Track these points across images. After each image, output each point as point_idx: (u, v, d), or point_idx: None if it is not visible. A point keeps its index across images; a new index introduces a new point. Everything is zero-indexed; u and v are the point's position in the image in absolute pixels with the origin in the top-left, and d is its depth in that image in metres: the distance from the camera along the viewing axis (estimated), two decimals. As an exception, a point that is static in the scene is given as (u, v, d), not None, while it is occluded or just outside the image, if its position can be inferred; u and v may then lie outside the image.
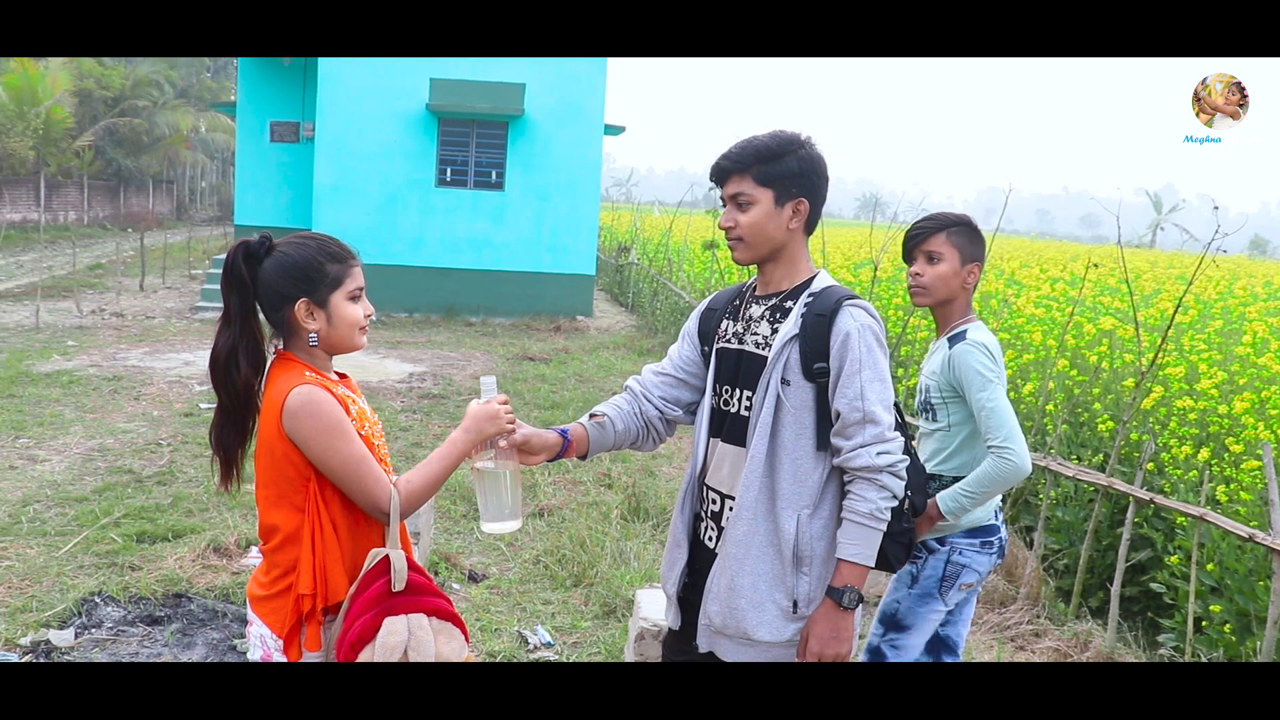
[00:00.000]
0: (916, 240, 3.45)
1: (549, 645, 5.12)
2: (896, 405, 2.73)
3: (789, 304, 2.78)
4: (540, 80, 17.81)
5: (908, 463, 2.68)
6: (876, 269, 9.44)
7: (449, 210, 18.10)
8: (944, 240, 3.40)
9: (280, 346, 2.66)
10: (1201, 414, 6.24)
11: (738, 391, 2.83)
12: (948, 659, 3.56)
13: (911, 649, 3.45)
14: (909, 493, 2.73)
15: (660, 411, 3.04)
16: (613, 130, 19.90)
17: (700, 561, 2.91)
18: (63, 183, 36.32)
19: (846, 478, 2.69)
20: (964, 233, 3.42)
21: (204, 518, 6.60)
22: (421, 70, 17.47)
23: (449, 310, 17.86)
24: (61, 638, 4.89)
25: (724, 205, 2.84)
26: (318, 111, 17.63)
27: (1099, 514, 5.81)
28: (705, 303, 3.10)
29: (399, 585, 2.51)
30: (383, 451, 2.70)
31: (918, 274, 3.46)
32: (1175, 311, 6.21)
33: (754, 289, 2.92)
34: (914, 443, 3.19)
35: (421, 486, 2.60)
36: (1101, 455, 6.53)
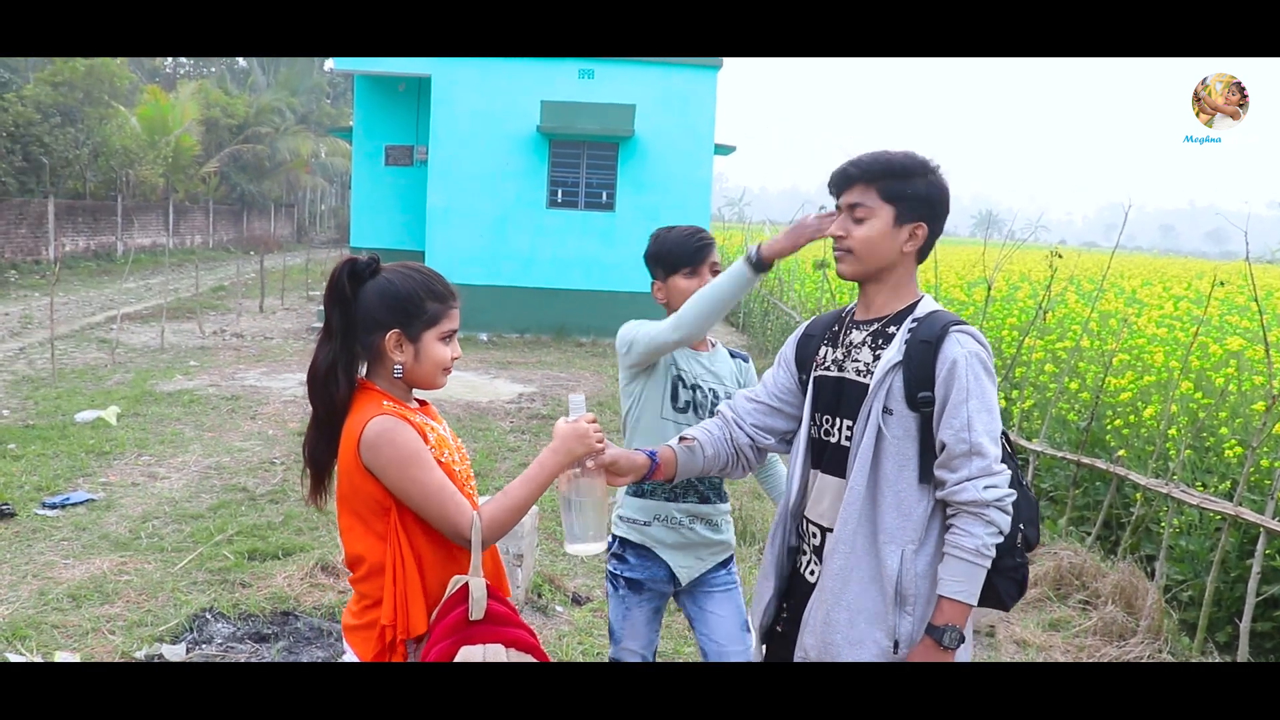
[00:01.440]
0: None
1: (650, 671, 5.06)
2: (1005, 435, 2.61)
3: (892, 329, 2.67)
4: (650, 101, 17.87)
5: (1015, 496, 2.54)
6: (990, 288, 9.17)
7: (560, 231, 18.25)
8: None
9: (363, 374, 2.65)
10: (1340, 440, 5.92)
11: (838, 421, 2.72)
12: None
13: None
14: (1020, 526, 2.60)
15: (751, 439, 2.94)
16: (723, 150, 19.84)
17: (800, 595, 2.81)
18: (190, 208, 37.65)
19: (950, 511, 2.55)
20: None
21: (313, 536, 6.71)
22: (532, 92, 17.66)
23: (559, 330, 17.98)
24: (173, 652, 5.00)
25: (839, 213, 2.74)
26: (431, 135, 17.95)
27: (1226, 544, 5.54)
28: (802, 328, 2.99)
29: (477, 614, 2.46)
30: (465, 478, 2.65)
31: None
32: (1309, 332, 5.93)
33: (854, 314, 2.81)
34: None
35: (506, 512, 2.54)
36: (1229, 482, 6.25)
